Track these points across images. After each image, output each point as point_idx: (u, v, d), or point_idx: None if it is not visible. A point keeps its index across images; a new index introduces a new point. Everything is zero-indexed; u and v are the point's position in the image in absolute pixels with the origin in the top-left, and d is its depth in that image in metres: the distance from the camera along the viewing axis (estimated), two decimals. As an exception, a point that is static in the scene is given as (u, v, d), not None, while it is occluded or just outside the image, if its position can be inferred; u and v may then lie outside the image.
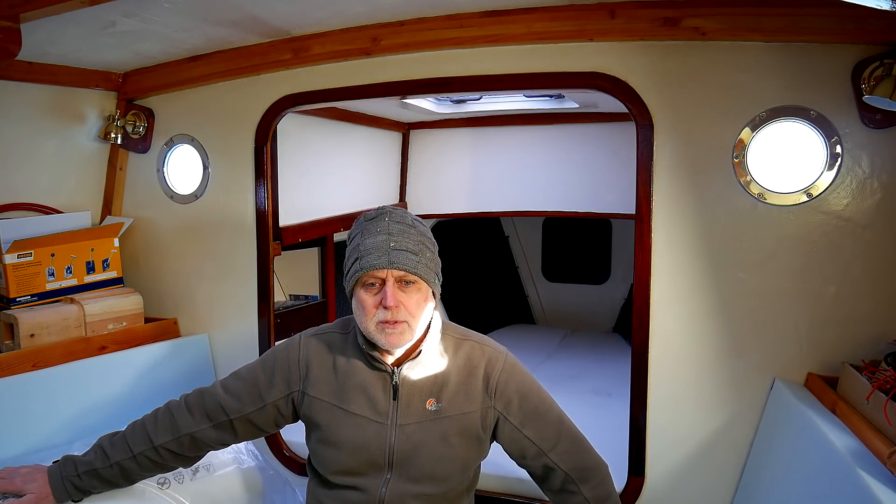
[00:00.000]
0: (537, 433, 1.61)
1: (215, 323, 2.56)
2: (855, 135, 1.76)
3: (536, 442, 1.61)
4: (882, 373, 1.54)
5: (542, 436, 1.61)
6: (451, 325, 1.68)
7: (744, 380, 1.90)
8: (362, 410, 1.57)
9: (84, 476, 1.58)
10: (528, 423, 1.61)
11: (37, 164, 2.40)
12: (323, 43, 2.19)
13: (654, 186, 1.92)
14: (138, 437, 1.61)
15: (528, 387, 1.64)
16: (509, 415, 1.60)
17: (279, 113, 2.34)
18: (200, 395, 1.65)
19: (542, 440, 1.61)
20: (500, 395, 1.60)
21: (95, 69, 2.43)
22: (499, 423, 1.61)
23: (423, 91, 2.21)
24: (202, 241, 2.54)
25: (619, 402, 2.07)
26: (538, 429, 1.61)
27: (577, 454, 1.64)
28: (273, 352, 1.69)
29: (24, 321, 2.12)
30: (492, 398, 1.59)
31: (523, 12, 1.95)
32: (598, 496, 1.63)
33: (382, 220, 1.51)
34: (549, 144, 3.86)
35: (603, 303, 5.11)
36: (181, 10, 1.90)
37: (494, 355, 1.63)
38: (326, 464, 1.60)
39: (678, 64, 1.89)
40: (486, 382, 1.60)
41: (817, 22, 1.73)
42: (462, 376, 1.60)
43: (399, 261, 1.47)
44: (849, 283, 1.80)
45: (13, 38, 1.75)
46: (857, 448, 1.40)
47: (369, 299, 1.50)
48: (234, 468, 1.96)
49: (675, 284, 1.93)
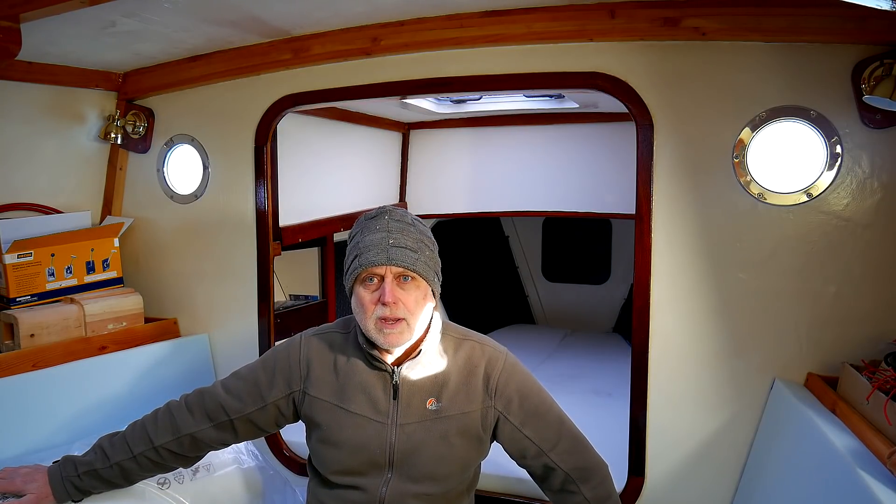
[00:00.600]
0: (537, 433, 1.61)
1: (215, 323, 2.56)
2: (855, 135, 1.76)
3: (536, 442, 1.61)
4: (882, 373, 1.54)
5: (543, 436, 1.61)
6: (451, 325, 1.68)
7: (744, 380, 1.90)
8: (363, 410, 1.57)
9: (84, 476, 1.58)
10: (528, 422, 1.61)
11: (37, 164, 2.40)
12: (323, 43, 2.19)
13: (654, 186, 1.92)
14: (138, 437, 1.61)
15: (529, 387, 1.64)
16: (509, 414, 1.60)
17: (279, 113, 2.34)
18: (201, 395, 1.65)
19: (542, 440, 1.61)
20: (501, 394, 1.60)
21: (95, 69, 2.43)
22: (499, 423, 1.61)
23: (423, 91, 2.21)
24: (202, 241, 2.54)
25: (619, 402, 2.07)
26: (538, 429, 1.61)
27: (577, 454, 1.64)
28: (274, 351, 1.69)
29: (24, 321, 2.12)
30: (492, 398, 1.59)
31: (523, 12, 1.95)
32: (598, 496, 1.63)
33: (382, 219, 1.52)
34: (549, 144, 3.85)
35: (603, 303, 5.11)
36: (181, 10, 1.90)
37: (495, 355, 1.63)
38: (327, 463, 1.60)
39: (678, 64, 1.89)
40: (487, 382, 1.60)
41: (817, 22, 1.73)
42: (462, 376, 1.60)
43: (397, 257, 1.47)
44: (849, 283, 1.80)
45: (13, 38, 1.75)
46: (857, 448, 1.40)
47: (368, 296, 1.50)
48: (234, 468, 1.96)
49: (675, 284, 1.93)
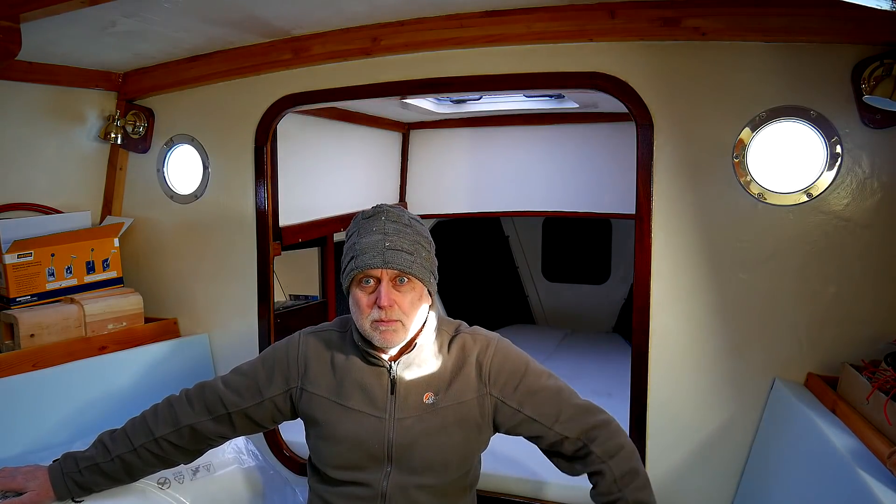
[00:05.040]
0: (537, 409, 1.59)
1: (215, 323, 2.56)
2: (855, 135, 1.76)
3: (538, 419, 1.59)
4: (882, 373, 1.54)
5: (543, 412, 1.59)
6: (445, 320, 1.69)
7: (744, 380, 1.90)
8: (360, 406, 1.57)
9: (85, 472, 1.58)
10: (526, 402, 1.59)
11: (37, 164, 2.40)
12: (323, 43, 2.19)
13: (654, 186, 1.92)
14: (139, 430, 1.62)
15: (521, 367, 1.62)
16: (506, 398, 1.59)
17: (279, 113, 2.34)
18: (201, 388, 1.67)
19: (543, 416, 1.59)
20: (495, 380, 1.59)
21: (95, 69, 2.43)
22: (497, 409, 1.60)
23: (423, 91, 2.21)
24: (202, 241, 2.54)
25: (619, 402, 2.06)
26: (537, 405, 1.59)
27: (580, 419, 1.60)
28: (273, 349, 1.70)
29: (24, 321, 2.12)
30: (487, 384, 1.59)
31: (523, 12, 1.95)
32: (609, 449, 1.58)
33: (379, 220, 1.52)
34: (549, 144, 3.85)
35: (603, 303, 5.11)
36: (181, 10, 1.90)
37: (485, 342, 1.63)
38: (327, 459, 1.61)
39: (678, 64, 1.89)
40: (479, 369, 1.59)
41: (817, 22, 1.73)
42: (457, 368, 1.60)
43: (394, 260, 1.47)
44: (849, 283, 1.80)
45: (13, 38, 1.75)
46: (857, 448, 1.40)
47: (364, 298, 1.51)
48: (234, 468, 1.96)
49: (675, 284, 1.93)
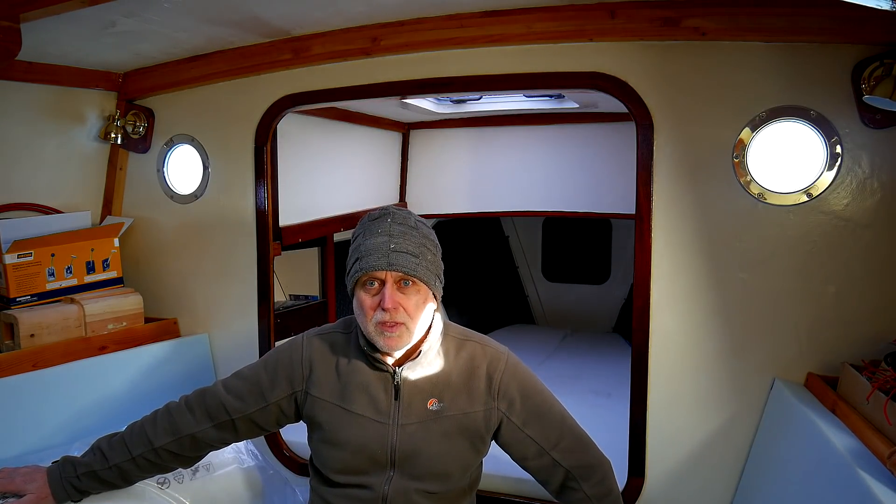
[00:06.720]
0: (539, 432, 1.61)
1: (215, 323, 2.56)
2: (855, 135, 1.76)
3: (538, 441, 1.61)
4: (882, 373, 1.54)
5: (544, 434, 1.61)
6: (452, 326, 1.69)
7: (744, 380, 1.90)
8: (364, 410, 1.57)
9: (83, 478, 1.58)
10: (530, 422, 1.61)
11: (37, 164, 2.39)
12: (323, 43, 2.19)
13: (654, 186, 1.92)
14: (137, 439, 1.61)
15: (531, 386, 1.64)
16: (512, 415, 1.60)
17: (279, 113, 2.34)
18: (202, 394, 1.65)
19: (543, 439, 1.61)
20: (504, 395, 1.60)
21: (95, 69, 2.43)
22: (502, 424, 1.61)
23: (423, 91, 2.21)
24: (202, 241, 2.54)
25: (619, 402, 2.07)
26: (540, 427, 1.61)
27: (578, 451, 1.64)
28: (276, 351, 1.69)
29: (24, 321, 2.12)
30: (495, 399, 1.60)
31: (523, 12, 1.95)
32: (599, 493, 1.63)
33: (384, 222, 1.51)
34: (549, 144, 3.85)
35: (603, 303, 5.11)
36: (181, 10, 1.90)
37: (496, 355, 1.63)
38: (329, 463, 1.60)
39: (678, 64, 1.89)
40: (489, 383, 1.60)
41: (817, 22, 1.73)
42: (464, 377, 1.60)
43: (398, 262, 1.47)
44: (849, 283, 1.80)
45: (13, 38, 1.75)
46: (857, 448, 1.40)
47: (368, 300, 1.50)
48: (234, 468, 1.96)
49: (675, 284, 1.93)
